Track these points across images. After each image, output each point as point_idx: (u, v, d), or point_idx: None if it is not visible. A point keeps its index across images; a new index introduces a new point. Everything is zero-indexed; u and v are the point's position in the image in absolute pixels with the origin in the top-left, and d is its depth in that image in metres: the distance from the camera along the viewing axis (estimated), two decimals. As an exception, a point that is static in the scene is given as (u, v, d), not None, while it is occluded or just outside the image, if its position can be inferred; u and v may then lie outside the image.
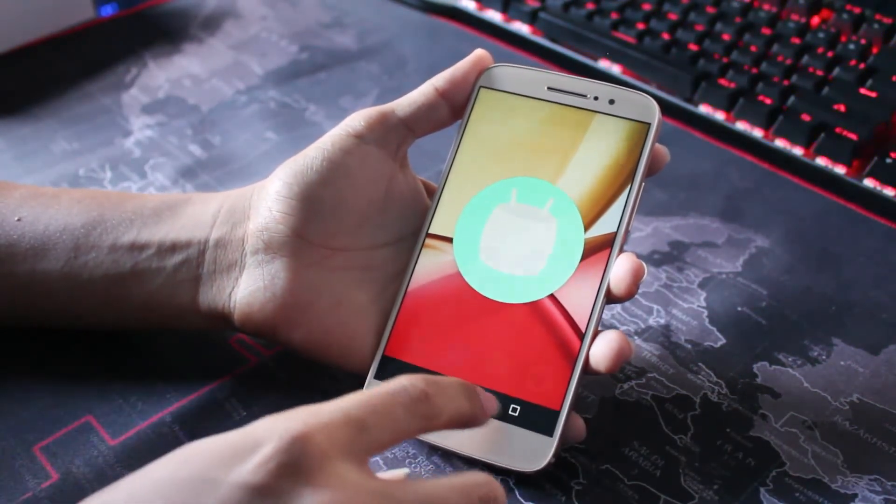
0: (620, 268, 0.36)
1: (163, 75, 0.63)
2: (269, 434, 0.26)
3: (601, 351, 0.35)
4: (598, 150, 0.38)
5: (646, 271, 0.36)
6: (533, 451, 0.35)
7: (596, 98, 0.39)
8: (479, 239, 0.38)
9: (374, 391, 0.29)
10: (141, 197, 0.40)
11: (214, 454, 0.26)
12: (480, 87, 0.40)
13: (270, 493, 0.25)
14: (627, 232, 0.37)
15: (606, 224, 0.37)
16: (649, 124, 0.38)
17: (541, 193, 0.38)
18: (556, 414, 0.35)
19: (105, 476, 0.36)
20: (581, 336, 0.36)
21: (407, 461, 0.37)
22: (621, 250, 0.37)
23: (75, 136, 0.57)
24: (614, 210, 0.37)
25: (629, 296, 0.36)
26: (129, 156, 0.55)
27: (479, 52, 0.40)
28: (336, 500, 0.25)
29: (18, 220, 0.38)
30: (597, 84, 0.39)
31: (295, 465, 0.25)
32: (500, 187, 0.38)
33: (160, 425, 0.38)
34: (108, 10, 0.71)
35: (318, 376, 0.40)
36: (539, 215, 0.38)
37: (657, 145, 0.38)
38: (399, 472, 0.33)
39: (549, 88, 0.39)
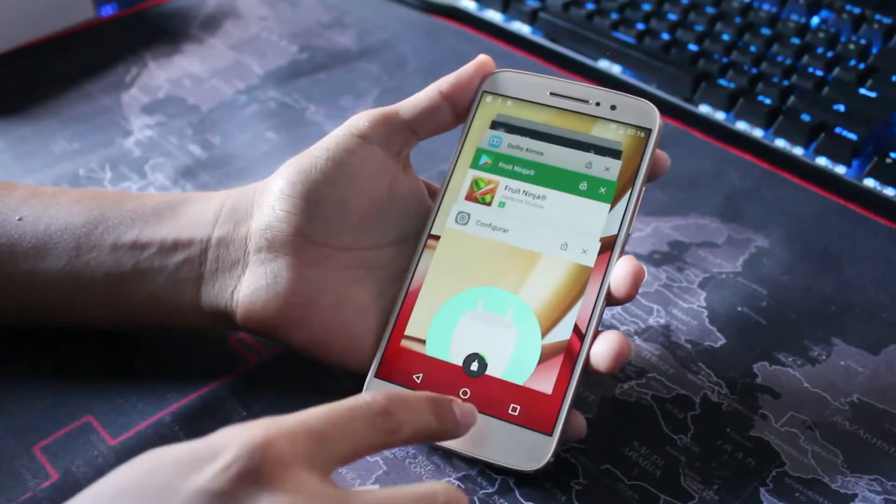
0: (621, 270, 0.36)
1: (163, 75, 0.63)
2: (229, 442, 0.26)
3: (601, 351, 0.35)
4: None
5: (645, 274, 0.36)
6: (533, 451, 0.35)
7: (598, 104, 0.39)
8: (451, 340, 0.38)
9: (335, 405, 0.29)
10: (141, 196, 0.40)
11: (176, 462, 0.26)
12: (483, 91, 0.40)
13: (229, 499, 0.25)
14: (628, 235, 0.37)
15: (607, 227, 0.37)
16: (650, 130, 0.38)
17: (504, 303, 0.37)
18: (556, 413, 0.35)
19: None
20: (581, 336, 0.36)
21: (407, 461, 0.37)
22: (622, 253, 0.37)
23: (75, 136, 0.57)
24: (615, 213, 0.37)
25: (629, 298, 0.36)
26: (129, 156, 0.55)
27: (482, 58, 0.40)
28: None
29: (19, 219, 0.38)
30: (599, 90, 0.39)
31: (255, 472, 0.26)
32: (466, 296, 0.38)
33: (160, 425, 0.38)
34: (108, 10, 0.71)
35: (318, 376, 0.40)
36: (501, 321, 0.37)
37: (658, 151, 0.38)
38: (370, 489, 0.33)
39: (551, 94, 0.40)
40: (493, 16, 0.68)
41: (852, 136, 0.53)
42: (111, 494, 0.26)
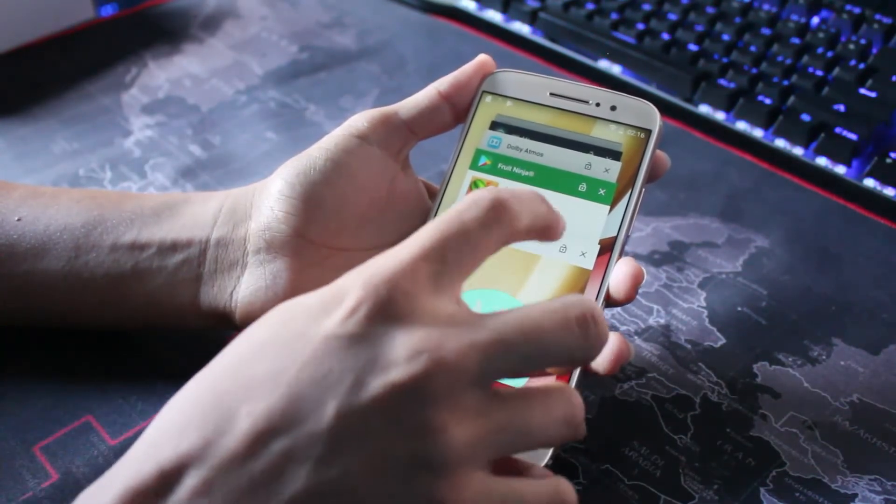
0: (620, 272, 0.36)
1: (163, 75, 0.63)
2: (353, 284, 0.26)
3: (601, 353, 0.35)
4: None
5: (644, 276, 0.36)
6: (531, 453, 0.35)
7: (598, 104, 0.39)
8: None
9: (443, 216, 0.28)
10: (140, 197, 0.40)
11: (307, 310, 0.27)
12: (483, 91, 0.40)
13: (363, 340, 0.25)
14: (627, 237, 0.37)
15: (606, 228, 0.37)
16: (650, 131, 0.38)
17: (502, 305, 0.37)
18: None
19: (105, 476, 0.36)
20: (581, 337, 0.36)
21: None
22: (621, 255, 0.37)
23: (75, 136, 0.57)
24: (614, 215, 0.37)
25: (628, 300, 0.36)
26: (129, 156, 0.55)
27: (482, 57, 0.40)
28: (429, 337, 0.25)
29: (18, 219, 0.38)
30: (599, 90, 0.39)
31: (383, 309, 0.26)
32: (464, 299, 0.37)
33: (160, 425, 0.38)
34: (108, 10, 0.71)
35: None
36: None
37: (658, 151, 0.38)
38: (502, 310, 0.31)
39: (551, 94, 0.39)
40: (493, 16, 0.68)
41: (852, 136, 0.53)
42: (249, 351, 0.27)
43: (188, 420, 0.26)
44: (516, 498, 0.27)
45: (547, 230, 0.29)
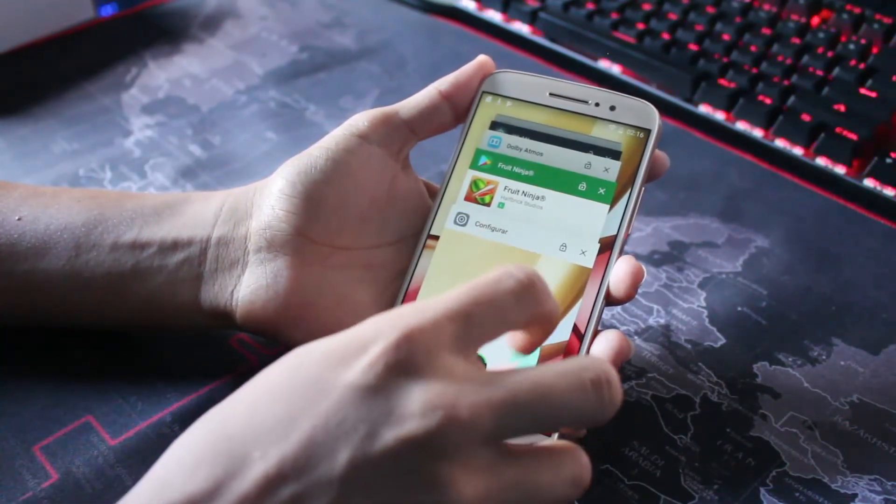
0: (620, 271, 0.36)
1: (163, 75, 0.63)
2: (375, 334, 0.26)
3: (601, 350, 0.35)
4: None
5: (644, 274, 0.36)
6: None
7: (597, 104, 0.39)
8: None
9: (478, 281, 0.28)
10: (141, 196, 0.40)
11: (326, 358, 0.27)
12: (483, 91, 0.40)
13: (380, 392, 0.26)
14: (627, 236, 0.37)
15: (606, 227, 0.37)
16: (650, 130, 0.38)
17: None
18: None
19: (105, 476, 0.36)
20: (581, 336, 0.36)
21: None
22: (621, 253, 0.37)
23: (75, 136, 0.57)
24: (614, 214, 0.37)
25: (628, 298, 0.36)
26: (129, 156, 0.55)
27: (482, 58, 0.40)
28: (444, 393, 0.26)
29: (19, 219, 0.38)
30: (598, 91, 0.39)
31: (402, 364, 0.26)
32: None
33: (160, 425, 0.38)
34: (108, 10, 0.71)
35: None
36: None
37: (657, 151, 0.38)
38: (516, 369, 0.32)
39: (550, 94, 0.40)
40: (493, 16, 0.68)
41: (852, 136, 0.53)
42: (264, 393, 0.27)
43: (198, 460, 0.26)
44: None
45: (550, 328, 0.30)
